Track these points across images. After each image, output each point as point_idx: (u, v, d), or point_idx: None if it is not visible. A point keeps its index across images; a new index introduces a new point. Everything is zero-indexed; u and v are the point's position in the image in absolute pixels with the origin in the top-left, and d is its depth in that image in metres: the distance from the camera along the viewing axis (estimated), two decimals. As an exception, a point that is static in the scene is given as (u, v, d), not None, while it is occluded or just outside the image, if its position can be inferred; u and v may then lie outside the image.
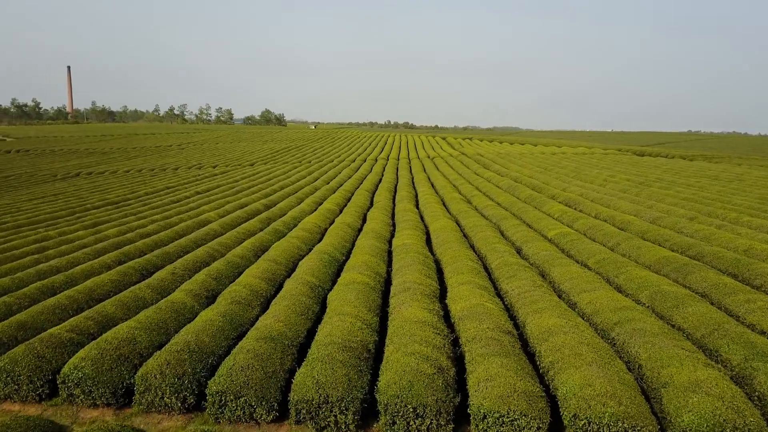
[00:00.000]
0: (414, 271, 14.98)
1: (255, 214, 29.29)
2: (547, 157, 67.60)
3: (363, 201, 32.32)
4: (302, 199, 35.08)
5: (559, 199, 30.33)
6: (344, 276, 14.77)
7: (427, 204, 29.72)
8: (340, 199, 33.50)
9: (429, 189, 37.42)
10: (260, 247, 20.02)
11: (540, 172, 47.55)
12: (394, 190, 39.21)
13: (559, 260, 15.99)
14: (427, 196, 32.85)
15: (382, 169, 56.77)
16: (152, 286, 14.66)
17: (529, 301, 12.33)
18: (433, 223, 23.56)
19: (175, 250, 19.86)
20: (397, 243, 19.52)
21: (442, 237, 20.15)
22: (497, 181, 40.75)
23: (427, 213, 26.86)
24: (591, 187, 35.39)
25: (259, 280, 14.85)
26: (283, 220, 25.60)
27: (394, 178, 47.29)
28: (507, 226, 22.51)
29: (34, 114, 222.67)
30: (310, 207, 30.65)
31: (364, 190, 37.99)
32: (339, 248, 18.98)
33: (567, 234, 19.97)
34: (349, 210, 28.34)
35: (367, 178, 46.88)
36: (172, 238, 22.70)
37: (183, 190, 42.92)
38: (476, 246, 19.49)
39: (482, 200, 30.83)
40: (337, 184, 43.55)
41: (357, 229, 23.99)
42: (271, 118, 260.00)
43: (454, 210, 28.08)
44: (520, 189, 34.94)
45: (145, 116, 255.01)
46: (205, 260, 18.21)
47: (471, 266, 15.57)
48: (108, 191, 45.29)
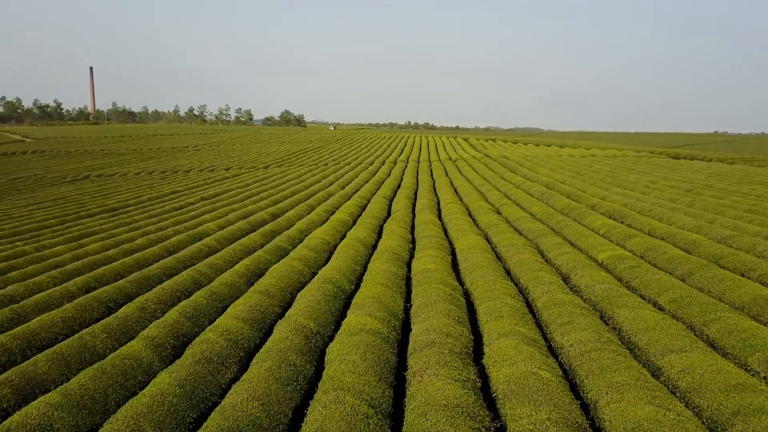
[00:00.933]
0: (439, 313, 11.74)
1: (259, 225, 26.28)
2: (576, 160, 63.71)
3: (379, 210, 29.13)
4: (313, 207, 32.02)
5: (601, 209, 26.79)
6: (350, 319, 11.58)
7: (451, 215, 26.42)
8: (354, 207, 30.34)
9: (452, 196, 34.08)
10: (255, 271, 16.94)
11: (572, 176, 43.87)
12: (413, 197, 35.95)
13: (623, 298, 12.61)
14: (450, 205, 29.53)
15: (401, 173, 53.54)
16: (109, 329, 11.64)
17: (598, 368, 9.01)
18: (460, 240, 20.27)
19: (157, 273, 16.88)
20: (418, 267, 16.29)
21: (471, 260, 16.85)
22: (527, 188, 37.24)
23: (452, 226, 23.57)
24: (633, 195, 31.73)
25: (243, 322, 11.72)
26: (287, 234, 22.53)
27: (414, 183, 44.03)
28: (547, 245, 19.12)
29: (56, 115, 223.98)
30: (321, 217, 27.56)
31: (381, 196, 34.80)
32: (347, 274, 15.80)
33: (622, 258, 16.54)
34: (364, 221, 25.18)
35: (385, 182, 43.69)
36: (159, 256, 19.76)
37: (189, 196, 40.22)
38: (513, 272, 16.16)
39: (513, 210, 27.42)
40: (353, 189, 40.42)
41: (371, 246, 20.81)
42: (291, 119, 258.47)
43: (482, 222, 24.74)
44: (554, 197, 31.42)
45: (164, 117, 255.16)
46: (187, 288, 15.19)
47: (511, 305, 12.28)
48: (111, 196, 42.79)
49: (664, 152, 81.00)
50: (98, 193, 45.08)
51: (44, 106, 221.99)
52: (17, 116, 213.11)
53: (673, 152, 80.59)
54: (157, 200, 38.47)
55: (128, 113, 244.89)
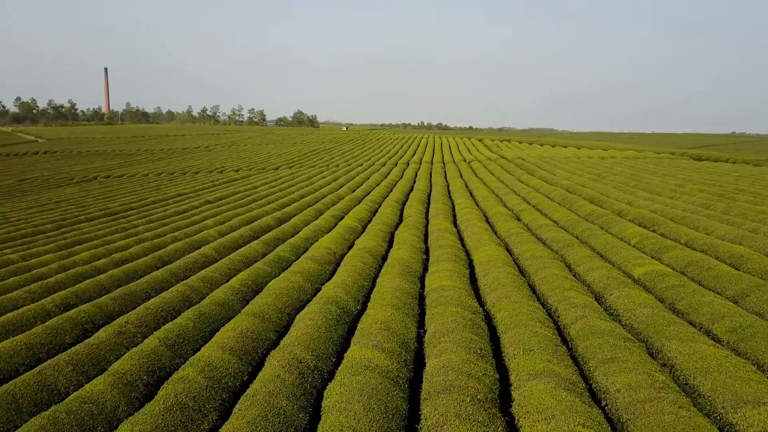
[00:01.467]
0: (457, 344, 10.06)
1: (262, 232, 24.73)
2: (595, 161, 61.60)
3: (390, 216, 27.45)
4: (321, 212, 30.43)
5: (629, 216, 24.91)
6: (354, 351, 9.94)
7: (467, 221, 24.69)
8: (364, 212, 28.70)
9: (468, 200, 32.32)
10: (252, 286, 15.36)
11: (593, 179, 41.90)
12: (427, 201, 34.24)
13: (671, 326, 10.84)
14: (466, 211, 27.78)
15: (414, 175, 51.83)
16: (77, 360, 10.10)
17: (658, 427, 7.27)
18: (478, 251, 18.54)
19: (145, 288, 15.37)
20: (432, 284, 14.60)
21: (492, 275, 15.13)
22: (547, 191, 35.36)
23: (469, 234, 21.84)
24: (661, 201, 29.77)
25: (230, 354, 10.12)
26: (291, 242, 20.95)
27: (428, 186, 42.31)
28: (575, 258, 17.34)
29: (70, 115, 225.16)
30: (329, 223, 25.95)
31: (393, 200, 33.13)
32: (353, 291, 14.16)
33: (662, 274, 14.72)
34: (374, 228, 23.53)
35: (397, 185, 42.02)
36: (151, 267, 18.26)
37: (194, 198, 38.85)
38: (540, 290, 14.41)
39: (534, 216, 25.62)
40: (363, 192, 38.80)
41: (380, 257, 19.14)
42: (304, 120, 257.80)
43: (501, 230, 22.98)
44: (576, 202, 29.55)
45: (177, 117, 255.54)
46: (174, 307, 13.64)
47: (541, 334, 10.56)
48: (115, 198, 41.56)
49: (685, 153, 78.49)
50: (102, 196, 43.89)
51: (59, 106, 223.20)
52: (32, 117, 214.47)
53: (694, 153, 78.05)
54: (161, 203, 37.13)
55: (142, 114, 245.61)
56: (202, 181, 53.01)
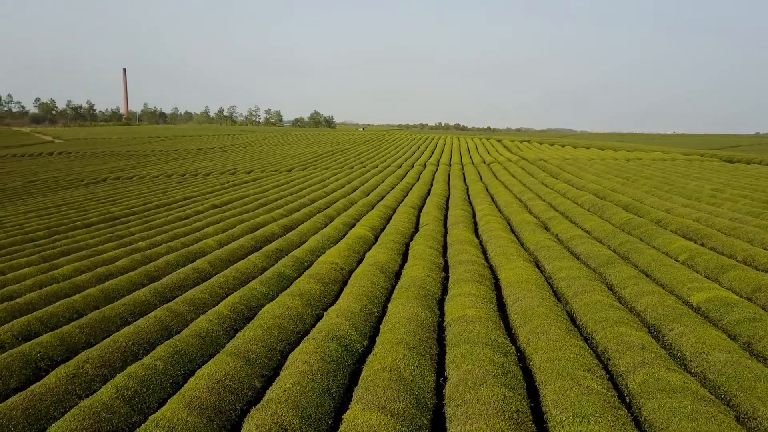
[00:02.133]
0: (489, 406, 7.84)
1: (265, 241, 22.68)
2: (621, 163, 58.77)
3: (405, 224, 25.25)
4: (332, 219, 28.33)
5: (671, 226, 22.41)
6: (354, 413, 7.77)
7: (490, 231, 22.40)
8: (376, 219, 26.54)
9: (490, 206, 29.97)
10: (243, 312, 13.27)
11: (623, 183, 39.27)
12: (445, 207, 31.95)
13: (762, 382, 8.51)
14: (489, 219, 25.48)
15: (431, 178, 49.55)
16: (6, 422, 8.07)
17: None
18: (505, 269, 16.26)
19: (122, 311, 13.37)
20: (454, 313, 12.38)
21: (524, 301, 12.86)
22: (574, 196, 32.88)
23: (493, 247, 19.55)
24: (702, 208, 27.17)
25: (198, 415, 8.00)
26: (295, 255, 18.86)
27: (445, 190, 40.00)
28: (617, 279, 14.99)
29: (89, 116, 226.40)
30: (338, 232, 23.84)
31: (409, 206, 30.91)
32: (359, 322, 11.98)
33: (728, 303, 12.33)
34: (386, 239, 21.35)
35: (413, 189, 39.78)
36: (137, 284, 16.29)
37: (200, 202, 37.02)
38: (581, 322, 12.10)
39: (564, 226, 23.23)
40: (377, 197, 36.63)
41: (393, 275, 16.95)
42: (320, 121, 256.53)
43: (529, 242, 20.65)
44: (609, 209, 27.08)
45: (195, 118, 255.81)
46: (148, 338, 11.59)
47: (594, 391, 8.28)
48: (119, 202, 39.93)
49: (715, 155, 75.11)
50: (107, 199, 42.32)
51: (77, 107, 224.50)
52: (51, 117, 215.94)
53: (725, 155, 74.63)
54: (165, 207, 35.34)
55: (159, 114, 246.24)
56: (212, 183, 51.30)
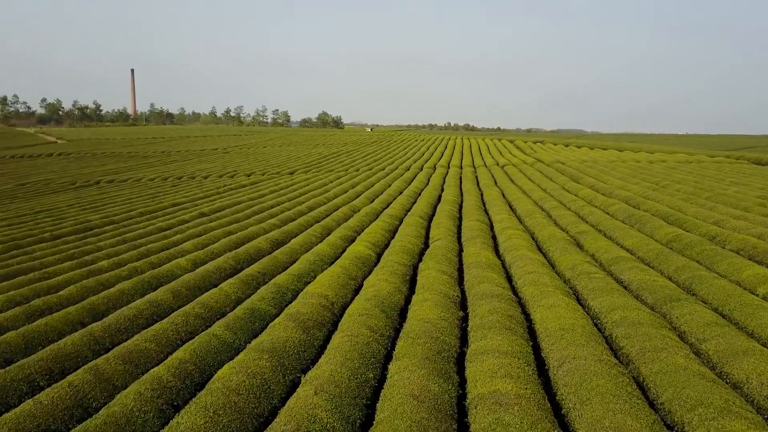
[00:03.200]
0: None
1: (248, 261, 19.28)
2: (645, 166, 54.94)
3: (413, 239, 21.77)
4: (330, 231, 24.93)
5: (730, 245, 18.78)
6: None
7: (514, 249, 18.88)
8: (380, 233, 23.08)
9: (509, 216, 26.40)
10: (191, 377, 9.84)
11: (653, 189, 35.57)
12: (458, 216, 28.41)
13: None
14: (510, 233, 21.95)
15: (441, 182, 46.01)
16: None
17: None
18: (541, 308, 12.73)
19: (25, 377, 10.01)
20: (479, 386, 8.87)
21: (575, 368, 9.33)
22: (604, 204, 29.25)
23: (520, 273, 16.03)
24: (758, 220, 23.49)
25: None
26: (278, 282, 15.46)
27: (458, 196, 36.46)
28: (692, 325, 11.42)
29: (95, 116, 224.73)
30: (334, 249, 20.42)
31: (417, 215, 27.42)
32: (346, 403, 8.51)
33: None
34: (391, 258, 17.89)
35: (422, 195, 36.27)
36: (73, 325, 12.94)
37: (189, 210, 33.74)
38: (667, 408, 8.54)
39: (600, 243, 19.66)
40: (383, 204, 33.17)
41: (397, 313, 13.48)
42: (328, 121, 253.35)
43: (562, 265, 17.09)
44: (648, 221, 23.46)
45: (201, 118, 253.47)
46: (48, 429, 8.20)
47: None
48: (102, 208, 36.78)
49: (742, 156, 71.00)
50: (91, 205, 39.19)
51: (84, 107, 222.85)
52: (57, 118, 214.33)
53: (753, 156, 70.44)
54: (149, 216, 32.09)
55: (166, 115, 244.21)
56: (208, 187, 48.09)
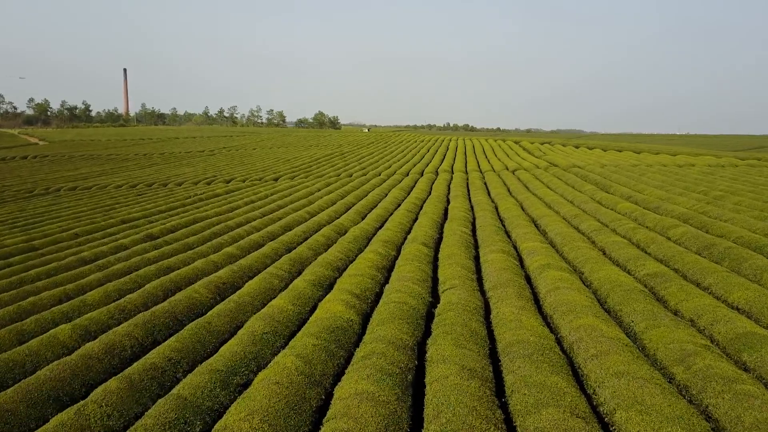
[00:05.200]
0: None
1: (162, 329, 12.83)
2: (674, 170, 48.53)
3: (415, 289, 15.33)
4: (301, 267, 18.54)
5: None
6: None
7: (571, 313, 12.46)
8: (368, 275, 16.64)
9: (542, 245, 19.92)
10: None
11: (706, 202, 29.17)
12: (473, 244, 21.91)
13: None
14: (554, 278, 15.51)
15: (445, 191, 39.55)
16: None
17: None
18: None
19: None
20: None
21: None
22: (659, 226, 22.83)
23: (598, 372, 9.62)
24: None
25: None
26: (180, 394, 9.03)
27: (468, 210, 29.97)
28: None
29: (84, 117, 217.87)
30: (299, 306, 14.02)
31: (419, 242, 20.98)
32: None
33: None
34: (380, 333, 11.48)
35: (425, 209, 29.79)
36: None
37: (138, 229, 27.30)
38: None
39: (697, 302, 13.25)
40: (376, 222, 26.72)
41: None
42: (325, 121, 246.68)
43: (667, 356, 10.66)
44: (738, 255, 17.07)
45: (193, 119, 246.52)
46: None
47: None
48: (36, 226, 30.37)
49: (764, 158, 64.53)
50: (34, 219, 32.79)
51: (72, 108, 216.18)
52: (45, 119, 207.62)
53: (785, 159, 63.95)
54: (84, 238, 25.68)
55: (158, 115, 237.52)
56: (178, 196, 41.63)
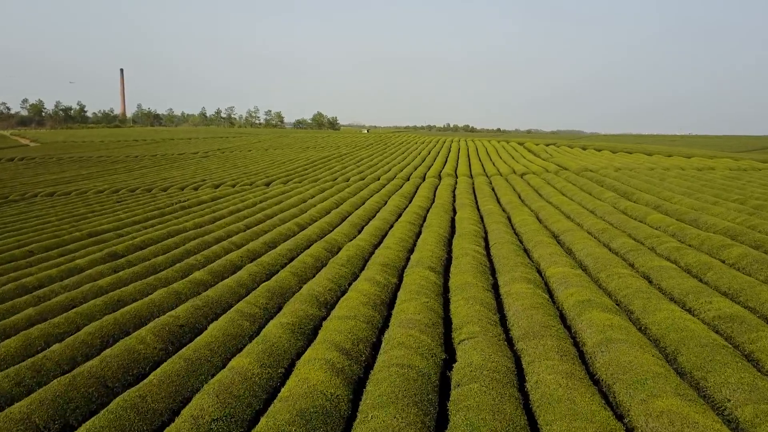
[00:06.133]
0: None
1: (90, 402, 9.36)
2: (695, 175, 45.02)
3: (422, 340, 11.86)
4: (282, 301, 15.06)
5: None
6: None
7: (629, 371, 8.98)
8: (362, 316, 13.16)
9: (573, 270, 16.39)
10: None
11: (747, 212, 25.71)
12: (490, 269, 18.37)
13: None
14: (597, 317, 12.03)
15: (450, 198, 36.06)
16: None
17: None
18: None
19: None
20: None
21: None
22: (708, 246, 19.36)
23: None
24: None
25: None
26: None
27: (478, 223, 26.43)
28: None
29: (80, 117, 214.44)
30: (267, 374, 10.55)
31: (425, 266, 17.47)
32: None
33: None
34: (374, 426, 8.00)
35: (429, 221, 26.28)
36: None
37: (104, 244, 23.89)
38: None
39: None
40: (374, 236, 23.23)
41: None
42: (324, 122, 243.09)
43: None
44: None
45: (190, 119, 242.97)
46: None
47: None
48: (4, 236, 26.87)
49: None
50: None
51: (67, 108, 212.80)
52: (39, 120, 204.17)
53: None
54: (38, 256, 22.22)
55: (154, 116, 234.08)
56: (157, 204, 38.15)
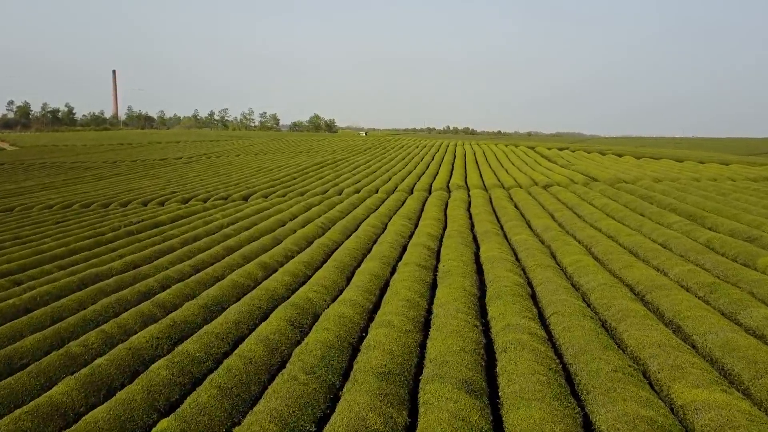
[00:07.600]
0: None
1: None
2: (748, 185, 37.74)
3: None
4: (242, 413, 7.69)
5: None
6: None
7: None
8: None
9: (722, 395, 9.15)
10: None
11: None
12: (562, 372, 11.07)
13: None
14: None
15: (467, 221, 28.70)
16: None
17: None
18: None
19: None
20: None
21: None
22: None
23: None
24: None
25: None
26: None
27: (513, 266, 19.12)
28: None
29: (68, 120, 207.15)
30: None
31: (450, 380, 10.20)
32: None
33: None
34: None
35: (446, 267, 18.91)
36: None
37: None
38: None
39: None
40: (368, 294, 15.84)
41: None
42: (321, 124, 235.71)
43: None
44: None
45: (182, 122, 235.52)
46: None
47: None
48: None
49: None
50: None
51: (54, 110, 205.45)
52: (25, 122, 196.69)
53: None
54: None
55: (145, 118, 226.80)
56: (103, 227, 30.92)
